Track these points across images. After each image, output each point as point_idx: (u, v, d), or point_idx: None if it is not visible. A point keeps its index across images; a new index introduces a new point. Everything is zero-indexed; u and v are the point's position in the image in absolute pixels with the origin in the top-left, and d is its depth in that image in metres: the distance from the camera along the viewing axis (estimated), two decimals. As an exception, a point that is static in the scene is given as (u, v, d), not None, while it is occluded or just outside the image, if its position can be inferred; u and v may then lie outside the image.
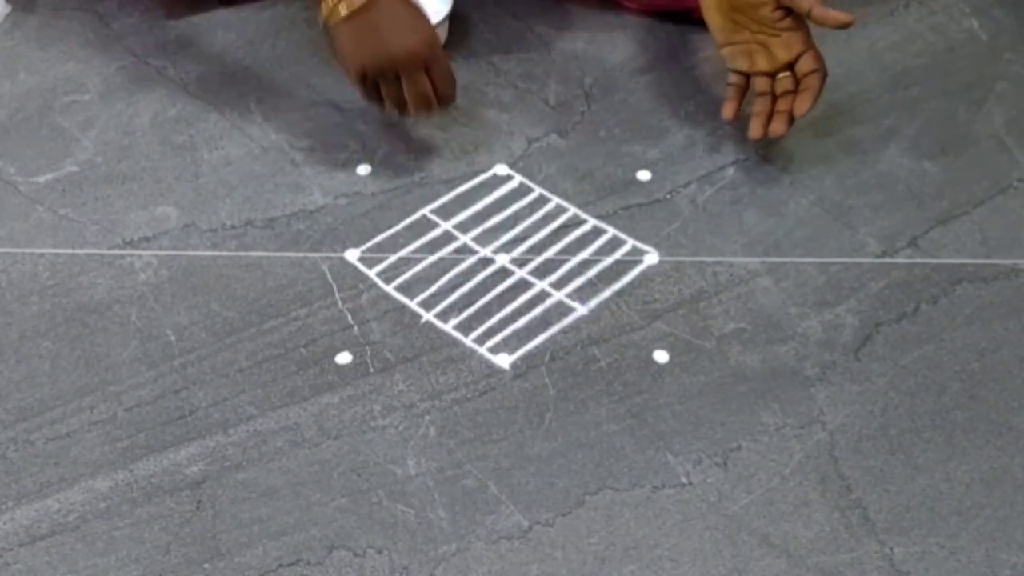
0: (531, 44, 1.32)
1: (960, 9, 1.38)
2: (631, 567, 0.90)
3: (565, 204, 1.15)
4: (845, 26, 1.11)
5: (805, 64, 1.13)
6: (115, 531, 0.92)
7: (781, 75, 1.15)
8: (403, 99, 1.12)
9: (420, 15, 1.12)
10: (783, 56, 1.14)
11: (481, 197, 1.16)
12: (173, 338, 1.04)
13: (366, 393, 1.01)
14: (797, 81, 1.14)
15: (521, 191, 1.17)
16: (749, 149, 1.20)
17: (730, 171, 1.19)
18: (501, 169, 1.19)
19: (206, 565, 0.90)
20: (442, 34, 1.30)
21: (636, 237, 1.13)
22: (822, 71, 1.13)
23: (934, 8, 1.38)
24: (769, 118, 1.15)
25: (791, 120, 1.14)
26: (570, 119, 1.24)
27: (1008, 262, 1.11)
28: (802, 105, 1.13)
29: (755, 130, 1.15)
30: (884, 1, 1.38)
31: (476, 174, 1.18)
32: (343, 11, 1.09)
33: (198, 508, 0.93)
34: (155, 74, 1.28)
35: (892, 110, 1.26)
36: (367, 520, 0.93)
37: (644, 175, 1.18)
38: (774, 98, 1.15)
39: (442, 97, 1.13)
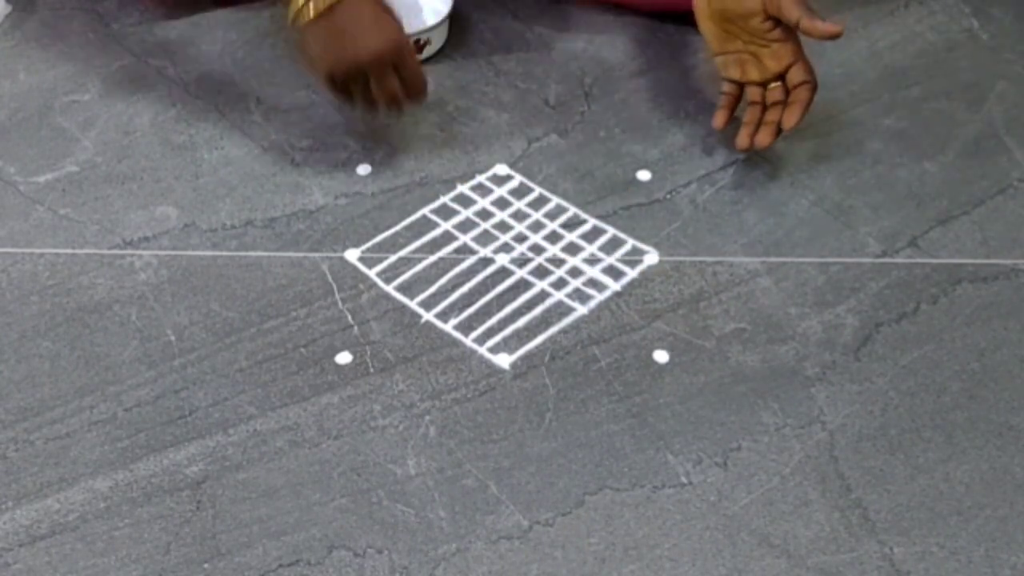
0: (531, 44, 1.32)
1: (960, 9, 1.38)
2: (631, 567, 0.90)
3: (565, 204, 1.15)
4: (834, 37, 1.11)
5: (795, 75, 1.14)
6: (115, 531, 0.92)
7: (772, 85, 1.15)
8: (373, 100, 1.12)
9: (386, 16, 1.11)
10: (773, 67, 1.14)
11: (481, 197, 1.16)
12: (173, 338, 1.04)
13: (366, 393, 1.01)
14: (787, 91, 1.14)
15: (521, 191, 1.17)
16: (749, 149, 1.20)
17: (730, 171, 1.19)
18: (501, 169, 1.19)
19: (206, 565, 0.90)
20: (442, 34, 1.30)
21: (636, 237, 1.13)
22: (812, 83, 1.13)
23: (934, 8, 1.38)
24: (757, 128, 1.15)
25: (778, 131, 1.14)
26: (570, 119, 1.24)
27: (1008, 262, 1.11)
28: (791, 118, 1.13)
29: (742, 140, 1.15)
30: (884, 1, 1.38)
31: (476, 174, 1.18)
32: (310, 13, 1.08)
33: (198, 508, 0.93)
34: (155, 74, 1.28)
35: (892, 110, 1.26)
36: (367, 520, 0.93)
37: (644, 175, 1.19)
38: (764, 108, 1.16)
39: (412, 96, 1.13)
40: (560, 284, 1.09)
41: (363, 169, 1.18)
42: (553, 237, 1.13)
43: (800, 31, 1.12)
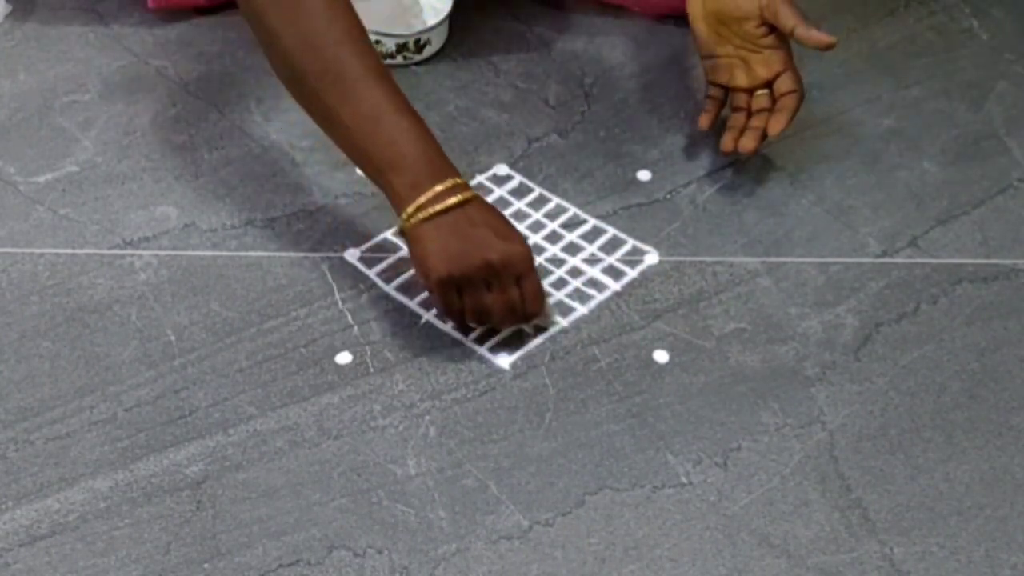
0: (531, 44, 1.32)
1: (960, 9, 1.38)
2: (631, 567, 0.90)
3: (565, 204, 1.15)
4: (828, 48, 1.11)
5: (783, 84, 1.14)
6: (115, 531, 0.92)
7: (759, 92, 1.15)
8: (487, 310, 1.00)
9: (511, 223, 1.01)
10: (762, 73, 1.14)
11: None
12: (173, 338, 1.04)
13: (366, 393, 1.01)
14: (774, 100, 1.14)
15: (521, 191, 1.17)
16: (749, 149, 1.20)
17: (730, 171, 1.19)
18: (501, 169, 1.19)
19: (206, 565, 0.90)
20: (442, 34, 1.30)
21: (636, 237, 1.13)
22: (799, 92, 1.14)
23: (934, 8, 1.38)
24: (742, 133, 1.15)
25: (763, 138, 1.14)
26: (570, 119, 1.24)
27: (1008, 262, 1.11)
28: (776, 125, 1.13)
29: (726, 143, 1.15)
30: (884, 1, 1.38)
31: (476, 174, 1.18)
32: (429, 211, 0.97)
33: (198, 508, 0.93)
34: (155, 74, 1.28)
35: (892, 110, 1.26)
36: (367, 520, 0.93)
37: (644, 175, 1.19)
38: (749, 114, 1.16)
39: (529, 313, 1.01)
40: (560, 284, 1.09)
41: (363, 169, 1.18)
42: (553, 237, 1.13)
43: (795, 39, 1.12)
